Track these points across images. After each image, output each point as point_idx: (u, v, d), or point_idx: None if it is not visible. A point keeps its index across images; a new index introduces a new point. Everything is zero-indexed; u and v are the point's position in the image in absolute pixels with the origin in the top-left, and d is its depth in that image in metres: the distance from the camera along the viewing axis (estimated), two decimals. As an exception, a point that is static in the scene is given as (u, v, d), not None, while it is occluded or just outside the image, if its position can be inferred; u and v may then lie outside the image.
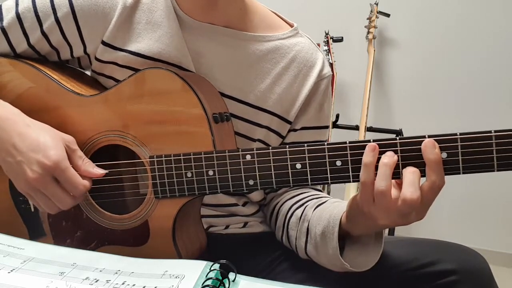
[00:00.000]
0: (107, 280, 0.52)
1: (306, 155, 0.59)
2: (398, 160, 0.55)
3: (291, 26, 0.81)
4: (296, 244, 0.72)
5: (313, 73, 0.78)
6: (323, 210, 0.69)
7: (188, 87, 0.64)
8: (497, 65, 2.04)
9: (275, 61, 0.76)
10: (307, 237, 0.70)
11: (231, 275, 0.53)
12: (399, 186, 0.55)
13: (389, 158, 0.55)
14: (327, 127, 0.83)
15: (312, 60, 0.78)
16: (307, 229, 0.70)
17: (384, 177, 0.54)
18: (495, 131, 0.53)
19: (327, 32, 2.10)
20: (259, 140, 0.77)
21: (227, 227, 0.80)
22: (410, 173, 0.54)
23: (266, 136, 0.78)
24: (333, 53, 2.06)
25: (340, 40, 2.11)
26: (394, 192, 0.55)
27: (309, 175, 0.59)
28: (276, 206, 0.80)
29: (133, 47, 0.72)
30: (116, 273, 0.54)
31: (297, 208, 0.74)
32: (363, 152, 0.57)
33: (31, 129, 0.64)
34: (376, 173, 0.55)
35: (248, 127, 0.76)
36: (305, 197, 0.76)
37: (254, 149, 0.61)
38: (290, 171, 0.60)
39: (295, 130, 0.79)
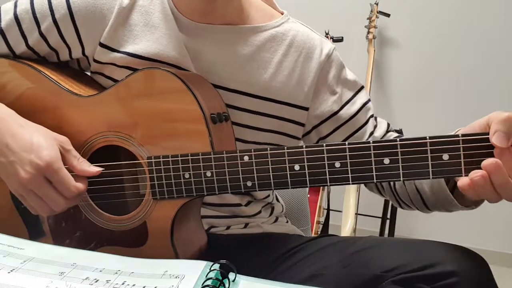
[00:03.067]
0: (107, 280, 0.52)
1: (305, 156, 0.59)
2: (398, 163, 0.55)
3: (282, 13, 0.81)
4: (417, 207, 0.73)
5: (315, 55, 0.78)
6: None
7: (186, 87, 0.63)
8: (497, 65, 2.04)
9: (273, 49, 0.76)
10: (421, 196, 0.70)
11: (231, 275, 0.52)
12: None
13: (499, 173, 0.53)
14: (363, 86, 0.83)
15: (309, 41, 0.79)
16: (417, 189, 0.71)
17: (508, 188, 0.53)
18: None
19: (327, 32, 2.10)
20: (273, 131, 0.77)
21: (228, 227, 0.80)
22: None
23: (281, 127, 0.78)
24: (333, 53, 2.06)
25: (340, 40, 2.11)
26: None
27: (307, 177, 0.59)
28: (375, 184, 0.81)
29: (130, 49, 0.72)
30: (116, 273, 0.53)
31: None
32: (361, 154, 0.57)
33: (25, 130, 0.64)
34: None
35: (257, 118, 0.76)
36: None
37: (252, 150, 0.61)
38: (288, 172, 0.59)
39: (341, 109, 0.79)
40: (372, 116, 0.82)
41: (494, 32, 2.02)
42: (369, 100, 0.83)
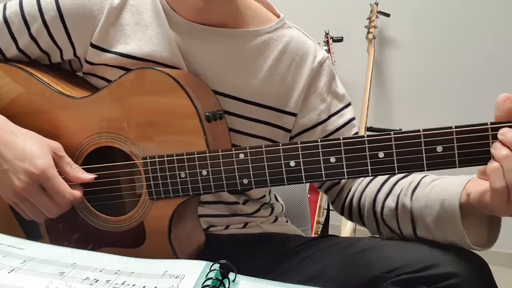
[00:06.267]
0: (107, 280, 0.52)
1: (300, 152, 0.59)
2: (393, 156, 0.55)
3: (278, 16, 0.80)
4: (403, 233, 0.69)
5: (307, 61, 0.77)
6: (428, 196, 0.65)
7: (180, 87, 0.63)
8: (497, 64, 2.03)
9: (265, 55, 0.76)
10: (414, 225, 0.67)
11: (231, 275, 0.52)
12: None
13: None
14: (350, 103, 0.82)
15: (303, 48, 0.78)
16: (412, 219, 0.67)
17: None
18: (491, 123, 0.52)
19: (327, 32, 2.11)
20: (262, 138, 0.77)
21: (227, 227, 0.80)
22: None
23: (271, 133, 0.77)
24: (333, 53, 2.07)
25: (340, 40, 2.11)
26: None
27: (303, 173, 0.59)
28: (351, 200, 0.77)
29: (122, 49, 0.72)
30: (116, 273, 0.54)
31: (385, 199, 0.71)
32: (357, 148, 0.57)
33: (17, 137, 0.64)
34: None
35: (245, 123, 0.76)
36: (390, 182, 0.72)
37: (247, 147, 0.61)
38: (284, 169, 0.59)
39: (325, 121, 0.78)
40: (356, 134, 0.81)
41: (494, 32, 2.02)
42: (354, 118, 0.82)
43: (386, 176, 0.73)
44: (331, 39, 2.09)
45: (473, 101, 2.08)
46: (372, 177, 0.75)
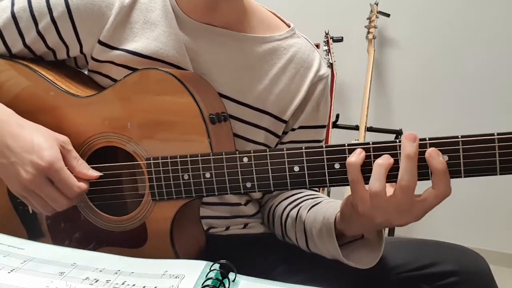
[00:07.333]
0: (107, 280, 0.52)
1: (304, 158, 0.59)
2: (397, 163, 0.55)
3: (288, 26, 0.81)
4: (299, 244, 0.73)
5: (310, 73, 0.78)
6: (318, 211, 0.69)
7: (185, 88, 0.63)
8: (497, 65, 2.04)
9: (272, 62, 0.76)
10: (306, 237, 0.70)
11: (231, 275, 0.52)
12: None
13: (384, 159, 0.55)
14: (324, 126, 0.83)
15: (309, 60, 0.79)
16: (304, 230, 0.70)
17: (378, 177, 0.54)
18: (498, 134, 0.52)
19: (327, 32, 2.10)
20: (258, 143, 0.77)
21: (227, 228, 0.80)
22: (406, 160, 0.53)
23: (266, 139, 0.78)
24: (333, 53, 2.06)
25: (340, 40, 2.11)
26: (391, 191, 0.54)
27: (307, 178, 0.59)
28: (271, 207, 0.80)
29: (130, 46, 0.71)
30: (116, 273, 0.53)
31: (291, 209, 0.74)
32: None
33: (25, 130, 0.64)
34: (364, 175, 0.56)
35: (247, 128, 0.76)
36: (300, 197, 0.77)
37: (251, 151, 0.61)
38: (288, 173, 0.59)
39: (293, 130, 0.80)
40: None
41: (494, 32, 2.02)
42: (322, 141, 0.84)
43: (305, 192, 0.78)
44: (331, 39, 2.09)
45: (473, 101, 2.08)
46: (294, 191, 0.79)
